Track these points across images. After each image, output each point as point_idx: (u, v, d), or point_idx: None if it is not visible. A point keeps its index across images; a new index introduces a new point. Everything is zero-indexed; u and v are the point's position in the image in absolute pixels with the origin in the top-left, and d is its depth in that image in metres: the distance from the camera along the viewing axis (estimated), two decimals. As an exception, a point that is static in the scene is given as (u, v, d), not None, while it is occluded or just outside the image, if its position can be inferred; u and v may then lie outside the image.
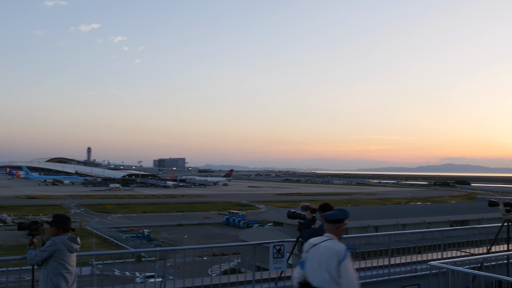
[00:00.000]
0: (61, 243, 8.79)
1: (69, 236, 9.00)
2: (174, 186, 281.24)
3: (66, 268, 8.78)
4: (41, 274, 8.85)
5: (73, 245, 8.95)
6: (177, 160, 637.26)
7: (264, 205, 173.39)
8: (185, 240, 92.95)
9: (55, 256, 8.71)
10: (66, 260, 8.80)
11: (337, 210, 7.90)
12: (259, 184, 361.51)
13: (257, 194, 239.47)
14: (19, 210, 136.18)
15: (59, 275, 8.69)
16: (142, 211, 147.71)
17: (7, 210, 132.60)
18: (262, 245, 13.47)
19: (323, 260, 7.32)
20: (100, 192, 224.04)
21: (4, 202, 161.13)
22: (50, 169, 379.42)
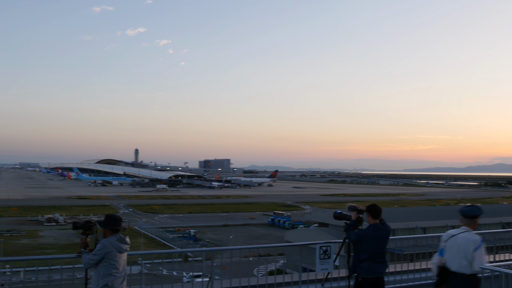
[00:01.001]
0: (110, 245, 9.00)
1: (118, 237, 9.19)
2: (220, 187, 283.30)
3: (116, 268, 8.99)
4: (93, 274, 9.09)
5: (122, 246, 9.14)
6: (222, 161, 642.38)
7: (309, 206, 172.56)
8: (231, 240, 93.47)
9: (106, 258, 8.93)
10: (116, 260, 9.01)
11: (473, 207, 9.46)
12: (304, 185, 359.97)
13: (302, 194, 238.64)
14: (70, 210, 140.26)
15: (110, 275, 8.91)
16: (188, 212, 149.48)
17: (59, 210, 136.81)
18: (308, 246, 13.41)
19: (461, 249, 9.00)
20: (147, 193, 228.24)
21: (56, 202, 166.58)
22: (100, 170, 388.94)
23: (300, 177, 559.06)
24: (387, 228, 10.66)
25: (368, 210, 10.62)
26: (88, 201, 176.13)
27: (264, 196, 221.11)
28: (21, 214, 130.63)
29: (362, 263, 10.46)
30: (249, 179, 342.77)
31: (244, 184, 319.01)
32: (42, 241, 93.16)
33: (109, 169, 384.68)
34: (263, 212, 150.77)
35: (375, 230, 10.48)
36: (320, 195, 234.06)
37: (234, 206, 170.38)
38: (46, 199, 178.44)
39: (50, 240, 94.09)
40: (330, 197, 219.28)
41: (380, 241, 10.49)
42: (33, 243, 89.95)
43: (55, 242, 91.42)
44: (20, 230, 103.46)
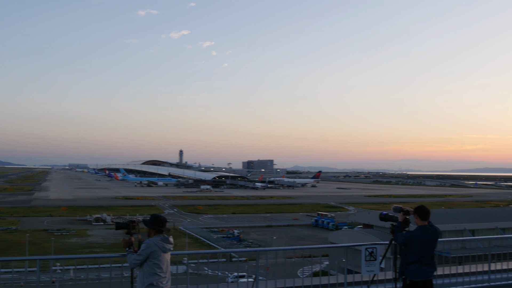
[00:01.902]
0: (154, 245, 9.17)
1: (162, 237, 9.34)
2: (263, 188, 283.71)
3: (160, 268, 9.15)
4: (138, 274, 9.28)
5: (166, 246, 9.29)
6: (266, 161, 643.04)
7: (353, 207, 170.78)
8: (274, 241, 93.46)
9: (150, 257, 9.11)
10: (160, 260, 9.17)
11: None
12: (348, 185, 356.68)
13: (346, 195, 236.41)
14: (117, 210, 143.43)
15: (154, 275, 9.08)
16: (232, 212, 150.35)
17: (106, 210, 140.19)
18: (352, 247, 13.28)
19: None
20: (191, 193, 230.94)
21: (104, 202, 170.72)
22: (145, 171, 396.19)
23: (344, 178, 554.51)
24: (436, 230, 10.48)
25: (417, 211, 10.46)
26: (134, 201, 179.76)
27: (308, 197, 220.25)
28: (71, 214, 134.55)
29: (411, 265, 10.31)
30: (292, 180, 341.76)
31: (287, 185, 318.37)
32: (91, 240, 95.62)
33: (155, 170, 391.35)
34: (306, 213, 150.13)
35: (424, 232, 10.31)
36: (365, 196, 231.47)
37: (277, 206, 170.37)
38: (94, 199, 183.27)
39: (98, 239, 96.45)
40: (374, 198, 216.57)
41: (429, 243, 10.32)
42: (82, 242, 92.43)
43: (103, 241, 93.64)
44: (69, 229, 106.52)
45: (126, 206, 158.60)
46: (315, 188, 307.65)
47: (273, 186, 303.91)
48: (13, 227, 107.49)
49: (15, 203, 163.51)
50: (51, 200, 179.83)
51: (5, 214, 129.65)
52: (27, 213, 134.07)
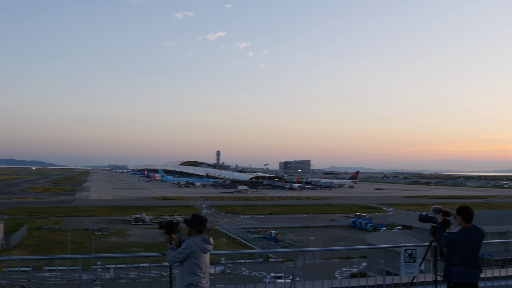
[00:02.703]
0: (195, 245, 9.26)
1: (203, 237, 9.42)
2: (300, 188, 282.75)
3: (200, 268, 9.24)
4: (177, 273, 9.40)
5: (206, 246, 9.37)
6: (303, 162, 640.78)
7: (391, 208, 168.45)
8: (311, 242, 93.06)
9: (191, 257, 9.21)
10: (200, 260, 9.26)
11: None
12: (386, 186, 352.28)
13: (384, 196, 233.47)
14: (156, 211, 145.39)
15: (194, 274, 9.18)
16: (269, 213, 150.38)
17: (145, 210, 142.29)
18: (391, 249, 13.10)
19: None
20: (229, 194, 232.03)
21: (143, 202, 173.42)
22: (183, 172, 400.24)
23: (382, 179, 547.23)
24: (481, 231, 10.27)
25: (460, 213, 10.25)
26: (172, 201, 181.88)
27: (345, 198, 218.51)
28: (111, 214, 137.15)
29: (455, 267, 10.10)
30: (329, 181, 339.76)
31: (324, 186, 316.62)
32: (130, 239, 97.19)
33: (192, 171, 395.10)
34: (344, 213, 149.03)
35: (468, 233, 10.11)
36: (403, 197, 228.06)
37: (314, 207, 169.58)
38: (133, 200, 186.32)
39: (138, 239, 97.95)
40: (413, 199, 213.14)
41: (474, 245, 10.11)
42: (121, 242, 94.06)
43: (142, 241, 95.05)
44: (110, 229, 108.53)
45: (164, 206, 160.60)
46: (352, 189, 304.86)
47: (310, 187, 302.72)
48: (55, 227, 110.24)
49: (58, 203, 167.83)
50: (92, 200, 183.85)
51: (48, 214, 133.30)
52: (69, 213, 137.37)
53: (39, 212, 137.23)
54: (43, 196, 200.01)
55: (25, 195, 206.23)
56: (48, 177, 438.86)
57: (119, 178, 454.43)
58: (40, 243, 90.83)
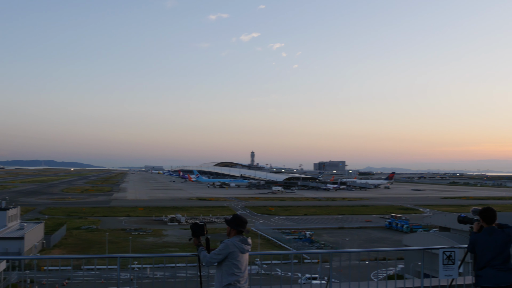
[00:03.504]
0: (233, 245, 9.28)
1: (241, 238, 9.44)
2: (335, 189, 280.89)
3: (238, 268, 9.25)
4: (216, 274, 9.44)
5: (245, 246, 9.38)
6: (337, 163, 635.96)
7: (428, 209, 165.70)
8: (347, 243, 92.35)
9: (229, 257, 9.22)
10: (239, 260, 9.26)
11: None
12: (422, 187, 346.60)
13: (421, 197, 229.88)
14: (191, 211, 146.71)
15: (233, 275, 9.19)
16: (304, 214, 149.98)
17: (181, 210, 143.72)
18: (429, 251, 12.90)
19: None
20: (263, 195, 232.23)
21: (178, 203, 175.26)
22: (218, 173, 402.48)
23: (418, 179, 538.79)
24: (505, 232, 9.79)
25: (481, 214, 9.91)
26: (207, 202, 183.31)
27: (381, 199, 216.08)
28: (147, 214, 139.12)
29: (481, 270, 9.69)
30: (364, 181, 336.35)
31: (359, 186, 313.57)
32: (166, 239, 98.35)
33: (227, 172, 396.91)
34: (379, 215, 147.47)
35: (489, 234, 9.67)
36: (441, 198, 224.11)
37: (349, 208, 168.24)
38: (169, 200, 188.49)
39: (173, 239, 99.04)
40: (451, 200, 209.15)
41: (497, 246, 9.55)
42: (157, 242, 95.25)
43: (177, 241, 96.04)
44: (146, 229, 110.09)
45: (199, 207, 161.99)
46: (388, 190, 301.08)
47: (345, 188, 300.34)
48: (94, 226, 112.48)
49: (96, 203, 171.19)
50: (128, 200, 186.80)
51: (86, 214, 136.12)
52: (106, 213, 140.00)
53: (78, 212, 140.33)
54: (82, 197, 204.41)
55: (65, 195, 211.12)
56: (86, 178, 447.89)
57: (155, 179, 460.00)
58: (79, 242, 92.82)
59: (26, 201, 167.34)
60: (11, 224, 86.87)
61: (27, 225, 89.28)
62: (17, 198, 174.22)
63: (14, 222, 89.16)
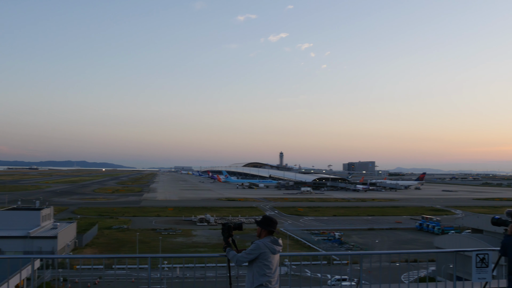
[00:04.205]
0: (264, 246, 9.30)
1: (272, 239, 9.45)
2: (364, 190, 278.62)
3: (269, 269, 9.26)
4: (247, 274, 9.47)
5: (275, 247, 9.39)
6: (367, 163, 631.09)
7: (460, 211, 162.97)
8: (377, 244, 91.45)
9: (260, 258, 9.25)
10: (270, 261, 9.28)
11: None
12: (454, 188, 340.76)
13: (453, 198, 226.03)
14: (220, 211, 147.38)
15: (264, 276, 9.21)
16: (333, 215, 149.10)
17: (210, 211, 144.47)
18: (461, 253, 12.66)
19: None
20: (292, 195, 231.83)
21: (208, 203, 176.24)
22: (246, 173, 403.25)
23: (450, 180, 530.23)
24: None
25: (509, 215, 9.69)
26: (236, 202, 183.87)
27: (411, 200, 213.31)
28: (177, 214, 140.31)
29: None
30: (395, 182, 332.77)
31: (389, 187, 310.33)
32: (195, 240, 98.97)
33: (255, 172, 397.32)
34: (410, 216, 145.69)
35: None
36: (473, 199, 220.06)
37: (379, 209, 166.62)
38: (198, 201, 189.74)
39: (203, 239, 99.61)
40: (484, 201, 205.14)
41: None
42: (187, 242, 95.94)
43: (207, 241, 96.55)
44: (176, 229, 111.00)
45: (228, 207, 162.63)
46: (419, 191, 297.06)
47: (374, 188, 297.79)
48: (124, 226, 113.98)
49: (127, 203, 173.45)
50: (158, 201, 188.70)
51: (117, 214, 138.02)
52: (137, 213, 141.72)
53: (109, 212, 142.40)
54: (113, 197, 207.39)
55: (96, 195, 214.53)
56: (117, 178, 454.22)
57: (185, 179, 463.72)
58: (110, 242, 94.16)
59: (59, 201, 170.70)
60: (45, 223, 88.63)
61: (60, 225, 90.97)
62: (50, 198, 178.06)
63: (47, 221, 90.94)
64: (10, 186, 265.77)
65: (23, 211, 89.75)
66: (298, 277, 47.15)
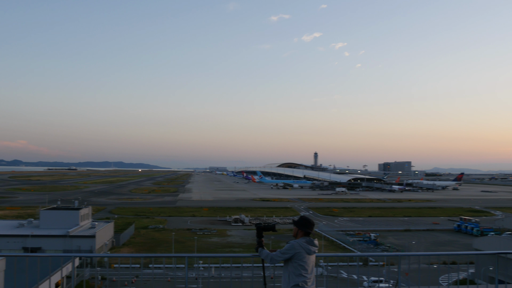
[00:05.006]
0: (299, 246, 9.29)
1: (307, 239, 9.44)
2: (400, 190, 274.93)
3: (305, 269, 9.25)
4: (282, 274, 9.49)
5: (311, 248, 9.37)
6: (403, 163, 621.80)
7: (500, 212, 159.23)
8: (413, 246, 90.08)
9: (295, 258, 9.25)
10: (305, 261, 9.27)
11: None
12: (494, 188, 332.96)
13: (492, 199, 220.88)
14: (254, 212, 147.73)
15: (300, 276, 9.21)
16: (368, 215, 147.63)
17: (244, 211, 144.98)
18: (503, 255, 12.39)
19: None
20: (327, 196, 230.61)
21: (242, 204, 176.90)
22: (281, 174, 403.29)
23: (489, 180, 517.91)
24: None
25: None
26: (270, 203, 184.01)
27: (449, 201, 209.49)
28: (211, 214, 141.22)
29: None
30: (432, 182, 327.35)
31: (426, 188, 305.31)
32: (230, 240, 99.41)
33: (290, 172, 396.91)
34: (448, 217, 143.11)
35: None
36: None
37: (416, 210, 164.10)
38: (232, 201, 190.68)
39: (237, 239, 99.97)
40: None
41: None
42: (222, 242, 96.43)
43: (241, 241, 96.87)
44: (211, 229, 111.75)
45: (263, 207, 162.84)
46: (457, 191, 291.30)
47: (411, 189, 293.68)
48: (160, 226, 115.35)
49: (162, 203, 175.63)
50: (193, 201, 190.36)
51: (153, 214, 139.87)
52: (172, 213, 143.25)
53: (145, 212, 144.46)
54: (149, 197, 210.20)
55: (133, 196, 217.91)
56: (153, 179, 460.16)
57: (219, 179, 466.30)
58: (147, 241, 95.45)
59: (97, 201, 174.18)
60: (83, 223, 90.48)
61: (98, 224, 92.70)
62: (88, 198, 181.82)
63: (86, 221, 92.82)
64: (50, 186, 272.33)
65: (63, 211, 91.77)
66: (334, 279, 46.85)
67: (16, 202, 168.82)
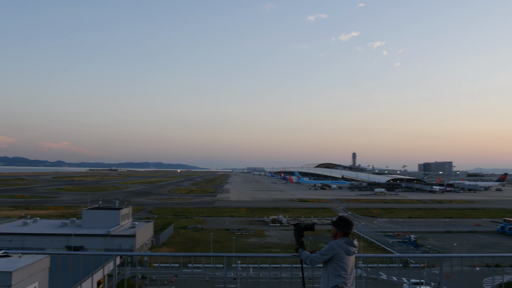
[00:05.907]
0: (338, 247, 9.23)
1: (347, 240, 9.36)
2: (441, 191, 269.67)
3: (345, 270, 9.18)
4: (322, 275, 9.44)
5: (350, 248, 9.29)
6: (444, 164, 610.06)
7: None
8: (455, 248, 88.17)
9: (334, 259, 9.19)
10: (345, 262, 9.20)
11: None
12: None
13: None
14: (292, 212, 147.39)
15: (339, 277, 9.15)
16: (408, 216, 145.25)
17: (282, 212, 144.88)
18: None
19: None
20: (365, 196, 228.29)
21: (280, 204, 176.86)
22: (319, 174, 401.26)
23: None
24: None
25: None
26: (308, 203, 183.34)
27: (492, 202, 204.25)
28: (249, 215, 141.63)
29: None
30: (474, 183, 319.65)
31: (468, 188, 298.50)
32: (268, 240, 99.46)
33: (328, 173, 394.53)
34: (491, 218, 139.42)
35: None
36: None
37: (457, 211, 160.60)
38: (270, 201, 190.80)
39: (275, 239, 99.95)
40: None
41: None
42: (260, 242, 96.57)
43: (279, 242, 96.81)
44: (249, 230, 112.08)
45: (300, 208, 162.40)
46: (500, 192, 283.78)
47: (452, 190, 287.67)
48: (199, 226, 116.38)
49: (201, 203, 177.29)
50: (231, 201, 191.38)
51: (192, 214, 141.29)
52: (211, 213, 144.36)
53: (184, 212, 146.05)
54: (188, 197, 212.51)
55: (172, 196, 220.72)
56: (192, 179, 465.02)
57: (257, 180, 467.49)
58: (186, 241, 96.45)
59: (137, 201, 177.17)
60: (124, 222, 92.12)
61: (138, 224, 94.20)
62: (129, 198, 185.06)
63: (126, 220, 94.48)
64: (92, 186, 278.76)
65: (104, 211, 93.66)
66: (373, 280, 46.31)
67: (59, 202, 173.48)
